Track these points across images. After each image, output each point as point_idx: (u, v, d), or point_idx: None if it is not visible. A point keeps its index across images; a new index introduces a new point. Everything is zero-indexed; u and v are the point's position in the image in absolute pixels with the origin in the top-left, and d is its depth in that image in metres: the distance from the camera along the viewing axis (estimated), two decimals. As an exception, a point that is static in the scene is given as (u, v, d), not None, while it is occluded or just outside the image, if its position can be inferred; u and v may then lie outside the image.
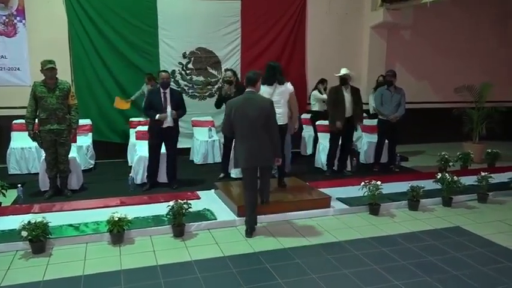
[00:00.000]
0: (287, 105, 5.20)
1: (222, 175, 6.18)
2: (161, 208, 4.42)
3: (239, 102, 4.22)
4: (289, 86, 5.20)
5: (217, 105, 6.17)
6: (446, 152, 6.91)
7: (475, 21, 9.85)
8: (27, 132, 5.17)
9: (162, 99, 5.52)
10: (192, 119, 7.53)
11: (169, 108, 5.52)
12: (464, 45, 9.82)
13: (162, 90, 5.55)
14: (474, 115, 8.02)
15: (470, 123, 8.10)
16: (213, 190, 5.49)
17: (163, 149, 5.73)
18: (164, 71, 5.89)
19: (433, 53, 9.57)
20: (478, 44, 9.95)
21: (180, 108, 5.65)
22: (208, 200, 5.13)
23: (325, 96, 7.37)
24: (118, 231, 3.92)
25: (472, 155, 7.14)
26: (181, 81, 7.83)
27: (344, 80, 6.32)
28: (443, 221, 4.72)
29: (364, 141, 7.38)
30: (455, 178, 5.16)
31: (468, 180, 5.62)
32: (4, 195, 4.92)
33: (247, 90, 4.31)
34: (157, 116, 5.45)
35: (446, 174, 5.25)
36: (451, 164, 6.79)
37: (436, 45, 9.59)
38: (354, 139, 6.91)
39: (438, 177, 5.30)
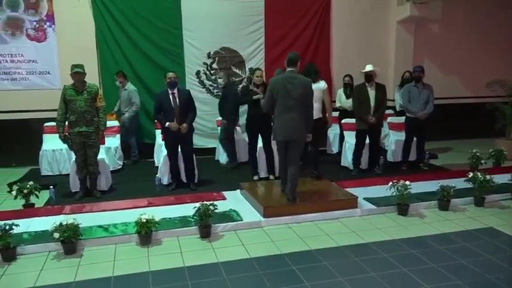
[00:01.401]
0: (321, 101, 5.77)
1: (256, 177, 6.15)
2: (188, 209, 4.46)
3: (282, 79, 4.63)
4: (322, 84, 5.80)
5: (241, 104, 6.21)
6: (477, 149, 6.68)
7: (506, 14, 9.48)
8: (58, 135, 5.31)
9: (171, 99, 5.51)
10: (217, 119, 7.57)
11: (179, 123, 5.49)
12: (495, 38, 9.48)
13: (170, 91, 5.53)
14: (507, 110, 7.75)
15: (503, 118, 7.83)
16: (238, 190, 5.50)
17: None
18: (171, 71, 5.77)
19: (462, 47, 9.27)
20: (509, 37, 9.59)
21: (189, 109, 5.59)
22: (234, 200, 5.15)
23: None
24: (146, 233, 3.98)
25: (505, 152, 6.86)
26: (206, 81, 7.87)
27: (369, 76, 6.22)
28: (475, 221, 4.58)
29: (392, 139, 7.22)
30: (488, 177, 5.00)
31: (501, 178, 5.45)
32: (37, 196, 5.08)
33: (288, 69, 4.70)
34: (167, 124, 5.44)
35: (478, 173, 5.09)
36: (482, 161, 6.57)
37: (466, 38, 9.28)
38: (381, 137, 6.81)
39: (469, 176, 5.14)
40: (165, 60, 7.53)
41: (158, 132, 6.97)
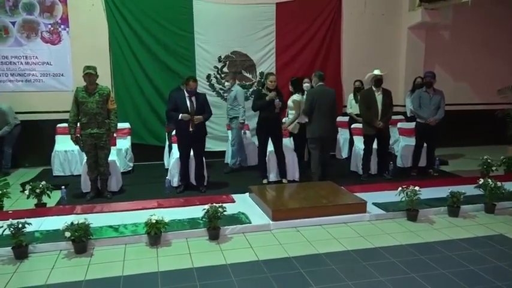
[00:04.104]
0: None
1: (265, 181, 6.18)
2: (197, 211, 4.48)
3: (318, 92, 5.98)
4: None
5: (257, 109, 6.17)
6: (488, 155, 6.63)
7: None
8: (69, 136, 5.39)
9: (188, 103, 5.54)
10: (227, 122, 7.60)
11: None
12: (505, 44, 9.42)
13: (187, 94, 5.57)
14: (519, 117, 7.69)
15: (515, 125, 7.78)
16: (247, 193, 5.52)
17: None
18: (194, 78, 5.65)
19: (473, 53, 9.22)
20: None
21: (205, 112, 5.64)
22: (243, 203, 5.16)
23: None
24: (155, 233, 4.01)
25: (517, 159, 6.82)
26: (216, 85, 7.93)
27: (379, 81, 6.24)
28: (486, 228, 4.55)
29: (402, 145, 7.20)
30: (499, 184, 4.96)
31: (512, 185, 5.39)
32: (49, 196, 5.15)
33: (319, 84, 6.00)
34: (180, 116, 5.45)
35: (489, 180, 5.05)
36: (494, 168, 6.51)
37: (477, 45, 9.23)
38: (390, 142, 6.79)
39: (480, 182, 5.10)
40: (176, 63, 7.60)
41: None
